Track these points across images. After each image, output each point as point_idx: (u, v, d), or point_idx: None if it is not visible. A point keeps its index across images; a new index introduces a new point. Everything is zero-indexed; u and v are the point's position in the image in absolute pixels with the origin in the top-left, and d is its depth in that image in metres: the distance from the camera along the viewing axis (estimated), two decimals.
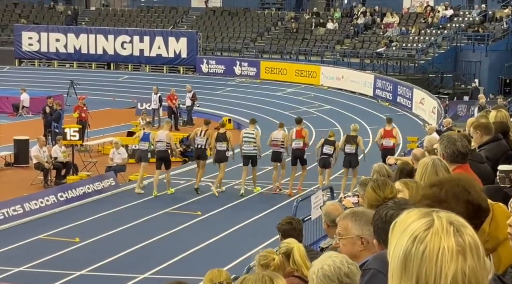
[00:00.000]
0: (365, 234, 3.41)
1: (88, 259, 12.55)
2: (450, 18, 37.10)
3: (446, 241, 1.61)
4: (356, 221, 3.46)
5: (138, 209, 16.04)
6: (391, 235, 1.71)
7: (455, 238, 1.62)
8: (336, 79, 34.20)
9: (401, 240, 1.66)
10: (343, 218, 3.56)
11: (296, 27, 40.96)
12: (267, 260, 4.97)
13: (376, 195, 4.87)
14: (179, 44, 39.59)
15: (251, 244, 12.39)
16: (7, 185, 18.58)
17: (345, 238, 3.49)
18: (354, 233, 3.44)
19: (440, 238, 1.61)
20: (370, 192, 4.93)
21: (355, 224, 3.45)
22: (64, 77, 34.85)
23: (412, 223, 1.67)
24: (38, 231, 14.22)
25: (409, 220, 1.68)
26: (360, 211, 3.58)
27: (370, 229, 3.37)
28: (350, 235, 3.46)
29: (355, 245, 3.44)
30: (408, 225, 1.67)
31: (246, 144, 16.74)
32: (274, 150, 16.89)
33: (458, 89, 32.80)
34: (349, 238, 3.46)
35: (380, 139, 17.39)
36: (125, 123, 26.28)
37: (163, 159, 16.99)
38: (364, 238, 3.41)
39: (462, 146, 4.95)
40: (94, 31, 41.03)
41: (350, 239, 3.46)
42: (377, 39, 37.67)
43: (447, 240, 1.61)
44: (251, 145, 16.70)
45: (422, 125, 25.35)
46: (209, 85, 35.27)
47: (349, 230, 3.47)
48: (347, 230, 3.48)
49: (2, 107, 30.19)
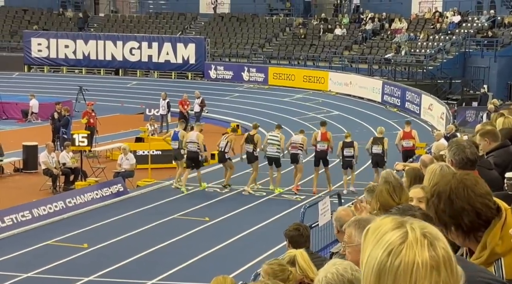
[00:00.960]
0: None
1: (96, 265, 12.56)
2: (459, 24, 37.02)
3: (420, 255, 1.60)
4: (359, 228, 3.46)
5: (146, 215, 16.05)
6: (364, 242, 1.70)
7: (429, 252, 1.61)
8: (344, 85, 34.18)
9: (375, 250, 1.65)
10: (348, 225, 3.56)
11: (304, 33, 40.98)
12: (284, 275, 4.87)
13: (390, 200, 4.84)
14: (188, 50, 39.69)
15: (259, 251, 12.38)
16: (16, 190, 18.64)
17: (350, 245, 3.48)
18: (358, 241, 3.44)
19: (415, 253, 1.60)
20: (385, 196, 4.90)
21: (358, 232, 3.45)
22: (73, 83, 35.01)
23: (386, 233, 1.65)
24: (47, 237, 14.26)
25: (383, 229, 1.66)
26: (364, 219, 3.57)
27: None
28: (354, 243, 3.44)
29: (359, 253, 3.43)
30: (382, 235, 1.65)
31: (270, 146, 17.55)
32: (292, 152, 17.47)
33: (466, 95, 32.70)
34: (353, 246, 3.45)
35: (400, 141, 18.20)
36: (133, 129, 26.33)
37: (193, 159, 17.65)
38: None
39: (471, 153, 4.92)
40: (102, 37, 41.19)
41: (354, 247, 3.45)
42: (385, 45, 37.64)
43: (421, 255, 1.60)
44: (274, 147, 17.49)
45: (431, 131, 25.28)
46: (217, 91, 35.31)
47: (352, 238, 3.46)
48: (351, 238, 3.47)
49: (11, 113, 30.33)
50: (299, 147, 17.45)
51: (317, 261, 5.75)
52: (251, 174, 17.90)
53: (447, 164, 4.80)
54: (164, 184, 18.81)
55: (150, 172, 19.36)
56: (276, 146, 17.48)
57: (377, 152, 17.49)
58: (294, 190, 17.70)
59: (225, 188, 17.96)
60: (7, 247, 13.54)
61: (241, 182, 18.54)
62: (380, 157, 17.49)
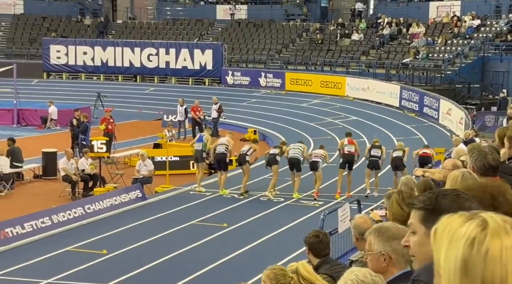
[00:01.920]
0: (387, 250, 3.38)
1: (116, 271, 12.60)
2: (477, 28, 36.78)
3: (506, 239, 1.60)
4: (378, 237, 3.44)
5: (164, 221, 16.09)
6: (435, 243, 1.67)
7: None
8: (362, 90, 34.07)
9: (453, 246, 1.63)
10: (369, 233, 3.55)
11: (321, 38, 40.94)
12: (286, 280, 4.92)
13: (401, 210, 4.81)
14: (205, 56, 39.81)
15: (277, 257, 12.34)
16: (36, 197, 18.78)
17: (370, 254, 3.47)
18: (377, 249, 3.42)
19: (501, 237, 1.60)
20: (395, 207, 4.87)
21: (377, 240, 3.44)
22: (91, 89, 35.25)
23: (461, 227, 1.64)
24: (66, 243, 14.33)
25: (455, 225, 1.65)
26: (385, 227, 3.55)
27: (392, 245, 3.35)
28: (374, 251, 3.44)
29: (379, 261, 3.42)
30: (456, 230, 1.64)
31: (293, 151, 17.90)
32: (313, 160, 17.84)
33: (485, 99, 32.45)
34: (373, 254, 3.44)
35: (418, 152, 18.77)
36: (151, 135, 26.44)
37: (221, 161, 18.00)
38: (385, 255, 3.38)
39: (492, 159, 4.87)
40: (120, 44, 41.46)
41: (374, 255, 3.44)
42: (403, 50, 37.48)
43: (507, 238, 1.60)
44: (296, 150, 17.92)
45: (449, 136, 25.12)
46: (235, 97, 35.36)
47: (372, 246, 3.45)
48: (370, 246, 3.47)
49: (30, 120, 30.60)
50: (320, 157, 17.92)
51: (337, 268, 5.73)
52: (270, 180, 18.02)
53: (469, 171, 4.75)
54: (182, 190, 18.84)
55: (168, 178, 19.41)
56: (299, 150, 17.93)
57: (398, 155, 18.05)
58: (315, 195, 17.76)
59: (242, 195, 18.05)
60: (27, 254, 13.63)
61: (259, 188, 18.53)
62: (399, 161, 17.94)
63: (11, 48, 44.87)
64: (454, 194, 2.38)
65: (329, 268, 5.21)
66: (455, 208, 2.24)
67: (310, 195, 17.91)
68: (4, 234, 14.17)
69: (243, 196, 18.02)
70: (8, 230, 14.28)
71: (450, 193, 2.42)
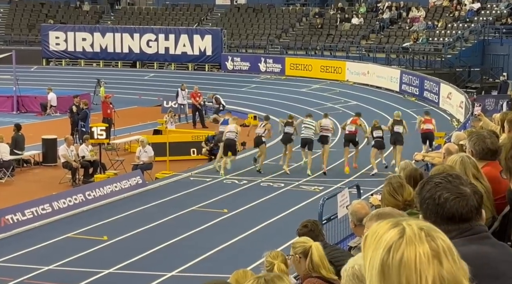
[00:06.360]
0: None
1: (116, 257, 12.63)
2: (477, 11, 36.61)
3: (420, 247, 1.64)
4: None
5: (164, 207, 16.11)
6: (364, 248, 1.73)
7: (428, 243, 1.65)
8: (362, 75, 33.98)
9: (376, 251, 1.68)
10: (369, 219, 3.53)
11: (321, 23, 40.78)
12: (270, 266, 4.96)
13: (394, 200, 4.81)
14: (204, 41, 39.68)
15: (277, 243, 12.35)
16: (36, 184, 18.79)
17: None
18: None
19: (415, 245, 1.65)
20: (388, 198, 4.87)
21: None
22: (91, 76, 35.17)
23: (384, 234, 1.70)
24: (67, 229, 14.36)
25: (380, 232, 1.71)
26: (386, 212, 3.53)
27: None
28: None
29: None
30: (380, 236, 1.70)
31: (306, 130, 18.79)
32: (323, 134, 18.72)
33: (486, 83, 32.37)
34: None
35: (421, 124, 19.36)
36: (151, 121, 26.42)
37: (230, 146, 18.72)
38: None
39: (491, 143, 4.85)
40: (120, 30, 41.30)
41: None
42: (403, 34, 37.33)
43: (421, 246, 1.65)
44: (311, 131, 18.74)
45: (450, 120, 25.08)
46: (234, 82, 35.28)
47: None
48: None
49: (30, 107, 30.54)
50: (330, 130, 18.99)
51: (336, 253, 5.72)
52: (283, 155, 18.93)
53: (468, 155, 4.73)
54: (183, 176, 18.85)
55: (168, 164, 19.41)
56: (312, 130, 18.79)
57: (398, 131, 18.57)
58: (324, 169, 18.67)
59: (259, 173, 18.78)
60: (28, 240, 13.66)
61: (261, 174, 18.57)
62: (399, 136, 18.51)
63: (9, 35, 44.73)
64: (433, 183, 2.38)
65: (327, 254, 5.20)
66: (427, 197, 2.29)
67: (310, 180, 17.92)
68: (5, 221, 14.20)
69: (260, 172, 18.78)
70: (8, 217, 14.31)
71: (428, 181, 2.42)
